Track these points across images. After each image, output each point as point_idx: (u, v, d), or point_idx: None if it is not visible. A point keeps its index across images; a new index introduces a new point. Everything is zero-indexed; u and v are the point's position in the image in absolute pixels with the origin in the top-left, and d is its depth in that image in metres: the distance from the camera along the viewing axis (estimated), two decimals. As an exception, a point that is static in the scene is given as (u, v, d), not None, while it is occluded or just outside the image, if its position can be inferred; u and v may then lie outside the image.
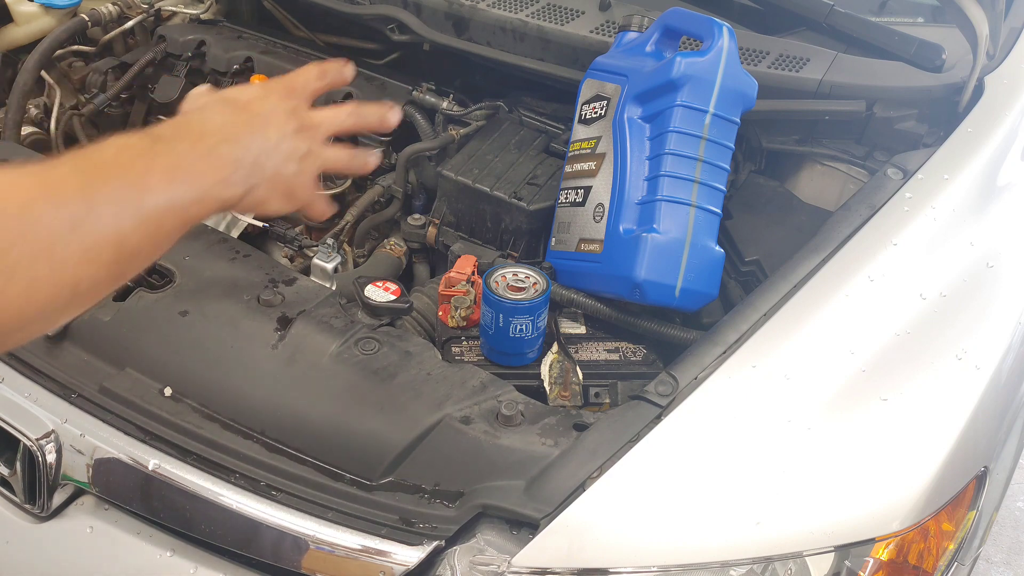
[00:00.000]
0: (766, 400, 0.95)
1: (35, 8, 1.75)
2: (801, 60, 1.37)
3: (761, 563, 0.88)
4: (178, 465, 0.99)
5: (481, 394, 1.01)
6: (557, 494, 0.89)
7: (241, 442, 1.00)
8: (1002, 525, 2.27)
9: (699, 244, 1.16)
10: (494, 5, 1.53)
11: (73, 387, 1.06)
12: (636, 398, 0.97)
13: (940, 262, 1.12)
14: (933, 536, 0.95)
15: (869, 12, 1.53)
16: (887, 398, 0.96)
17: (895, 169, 1.23)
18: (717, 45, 1.17)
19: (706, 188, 1.17)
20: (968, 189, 1.21)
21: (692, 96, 1.16)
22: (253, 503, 0.96)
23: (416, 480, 0.95)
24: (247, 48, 1.67)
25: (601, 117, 1.27)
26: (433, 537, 0.90)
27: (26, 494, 1.05)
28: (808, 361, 0.99)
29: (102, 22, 1.74)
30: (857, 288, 1.06)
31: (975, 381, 1.01)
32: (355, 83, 1.60)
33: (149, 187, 0.65)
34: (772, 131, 1.42)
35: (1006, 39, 1.44)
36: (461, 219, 1.42)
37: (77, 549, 1.03)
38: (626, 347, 1.20)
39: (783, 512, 0.89)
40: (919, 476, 0.93)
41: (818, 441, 0.93)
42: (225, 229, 1.43)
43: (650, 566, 0.87)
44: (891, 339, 1.02)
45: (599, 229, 1.21)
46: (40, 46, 1.64)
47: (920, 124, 1.34)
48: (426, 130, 1.55)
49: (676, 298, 1.15)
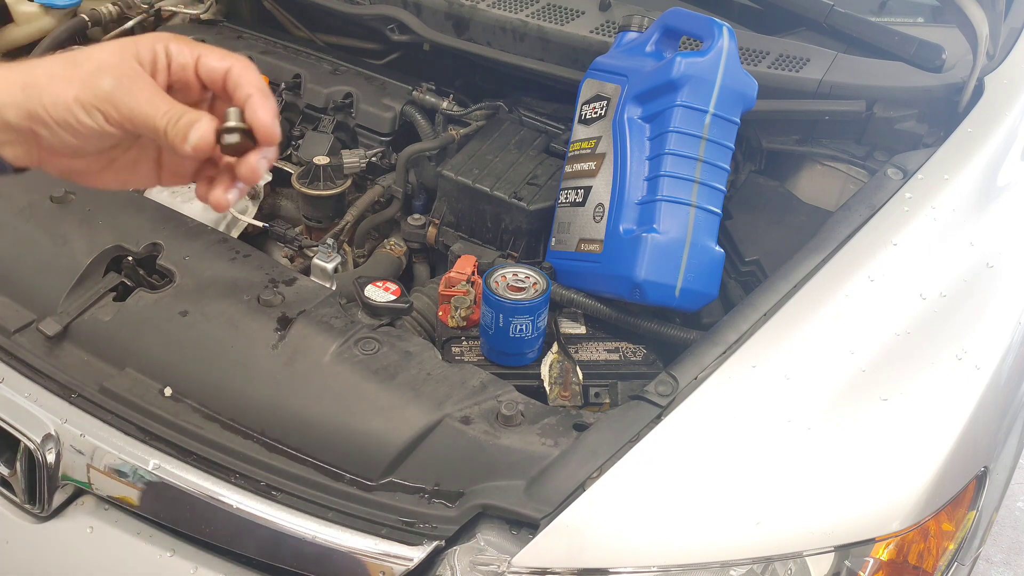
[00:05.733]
0: (766, 400, 0.95)
1: (35, 8, 1.75)
2: (801, 60, 1.37)
3: (761, 563, 0.88)
4: (178, 465, 0.99)
5: (481, 394, 1.01)
6: (557, 494, 0.89)
7: (241, 442, 1.00)
8: (1002, 525, 2.27)
9: (699, 244, 1.16)
10: (494, 5, 1.53)
11: (73, 387, 1.06)
12: (636, 398, 0.97)
13: (940, 262, 1.12)
14: (933, 536, 0.95)
15: (869, 12, 1.53)
16: (887, 398, 0.96)
17: (895, 169, 1.23)
18: (717, 45, 1.17)
19: (706, 188, 1.17)
20: (968, 189, 1.21)
21: (692, 96, 1.16)
22: (253, 503, 0.96)
23: (416, 480, 0.95)
24: (247, 48, 1.67)
25: (601, 117, 1.27)
26: (433, 537, 0.90)
27: (26, 494, 1.05)
28: (808, 361, 0.99)
29: (102, 22, 1.75)
30: (857, 288, 1.06)
31: (975, 381, 1.01)
32: (355, 83, 1.60)
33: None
34: (772, 131, 1.42)
35: (1006, 39, 1.44)
36: (461, 219, 1.42)
37: (77, 549, 1.03)
38: (626, 347, 1.20)
39: (783, 512, 0.89)
40: (919, 476, 0.93)
41: (818, 441, 0.93)
42: (225, 229, 1.43)
43: (650, 566, 0.87)
44: (891, 339, 1.02)
45: (599, 229, 1.21)
46: (40, 46, 1.64)
47: (920, 124, 1.34)
48: (426, 130, 1.55)
49: (676, 298, 1.15)
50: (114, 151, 0.71)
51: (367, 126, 1.57)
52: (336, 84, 1.60)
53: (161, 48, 0.67)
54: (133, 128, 0.65)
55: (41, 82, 0.64)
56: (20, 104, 0.64)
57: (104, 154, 0.70)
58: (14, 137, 0.65)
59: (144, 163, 0.73)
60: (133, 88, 0.65)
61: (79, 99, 0.63)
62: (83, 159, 0.69)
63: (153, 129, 0.65)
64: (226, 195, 0.70)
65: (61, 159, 0.68)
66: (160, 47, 0.67)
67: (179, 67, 0.68)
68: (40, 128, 0.65)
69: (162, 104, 0.65)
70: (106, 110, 0.64)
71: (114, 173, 0.72)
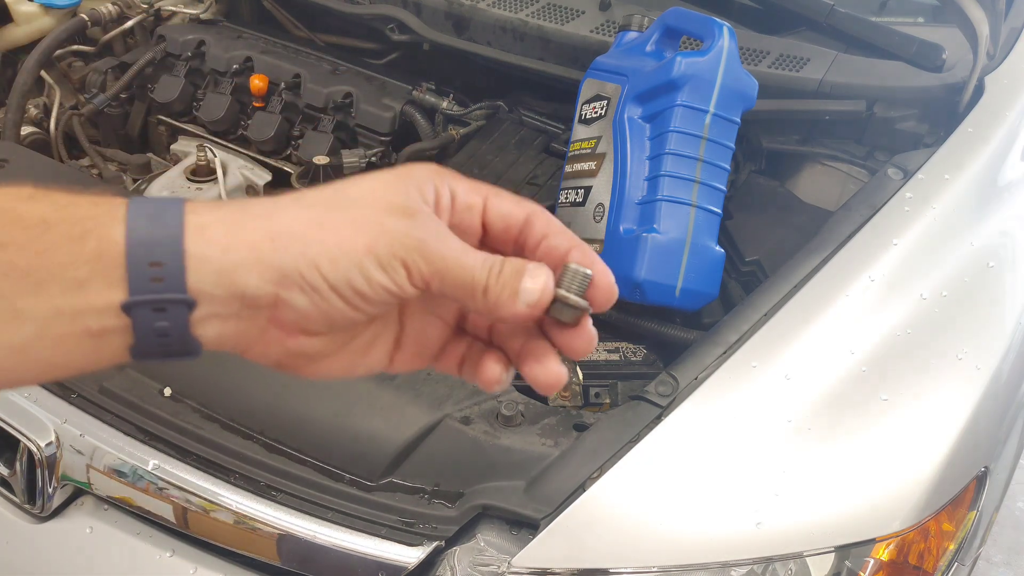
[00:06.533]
0: (766, 400, 0.95)
1: (35, 8, 1.75)
2: (801, 60, 1.37)
3: (761, 563, 0.88)
4: (178, 465, 0.99)
5: (481, 394, 1.01)
6: (557, 494, 0.89)
7: (241, 442, 1.00)
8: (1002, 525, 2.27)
9: (699, 244, 1.16)
10: (494, 5, 1.53)
11: (73, 387, 1.06)
12: (636, 398, 0.97)
13: (941, 262, 1.12)
14: (933, 536, 0.95)
15: (869, 12, 1.53)
16: (887, 398, 0.96)
17: (895, 169, 1.23)
18: (717, 45, 1.17)
19: (706, 188, 1.17)
20: (968, 189, 1.20)
21: (692, 96, 1.16)
22: (253, 503, 0.96)
23: (416, 480, 0.95)
24: (247, 48, 1.67)
25: (601, 117, 1.27)
26: (433, 537, 0.90)
27: (26, 494, 1.05)
28: (808, 361, 0.99)
29: (102, 22, 1.74)
30: (857, 288, 1.06)
31: (976, 381, 1.01)
32: (355, 83, 1.60)
33: None
34: (772, 131, 1.42)
35: (1006, 39, 1.44)
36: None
37: (77, 549, 1.03)
38: (626, 347, 1.19)
39: (783, 512, 0.89)
40: (919, 476, 0.93)
41: (818, 441, 0.93)
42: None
43: (650, 566, 0.87)
44: (892, 339, 1.02)
45: (599, 229, 1.21)
46: (40, 46, 1.64)
47: (920, 124, 1.34)
48: (426, 130, 1.55)
49: (676, 298, 1.15)
50: (359, 326, 0.51)
51: (367, 126, 1.57)
52: (336, 84, 1.59)
53: (445, 186, 0.50)
54: (440, 286, 0.47)
55: (300, 230, 0.45)
56: (268, 262, 0.45)
57: (348, 331, 0.51)
58: (236, 310, 0.46)
59: (381, 343, 0.54)
60: (443, 233, 0.48)
61: (373, 249, 0.45)
62: (321, 338, 0.49)
63: (469, 285, 0.47)
64: (503, 372, 0.53)
65: (292, 339, 0.49)
66: (443, 185, 0.50)
67: (464, 208, 0.51)
68: (294, 294, 0.45)
69: (474, 252, 0.48)
70: (412, 263, 0.46)
71: (346, 357, 0.52)
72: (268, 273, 0.45)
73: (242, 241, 0.44)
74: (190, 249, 0.43)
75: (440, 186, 0.50)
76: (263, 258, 0.44)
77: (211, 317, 0.45)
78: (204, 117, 1.62)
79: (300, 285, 0.45)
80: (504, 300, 0.47)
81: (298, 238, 0.45)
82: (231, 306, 0.45)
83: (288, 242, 0.45)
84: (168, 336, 0.44)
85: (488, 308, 0.48)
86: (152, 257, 0.43)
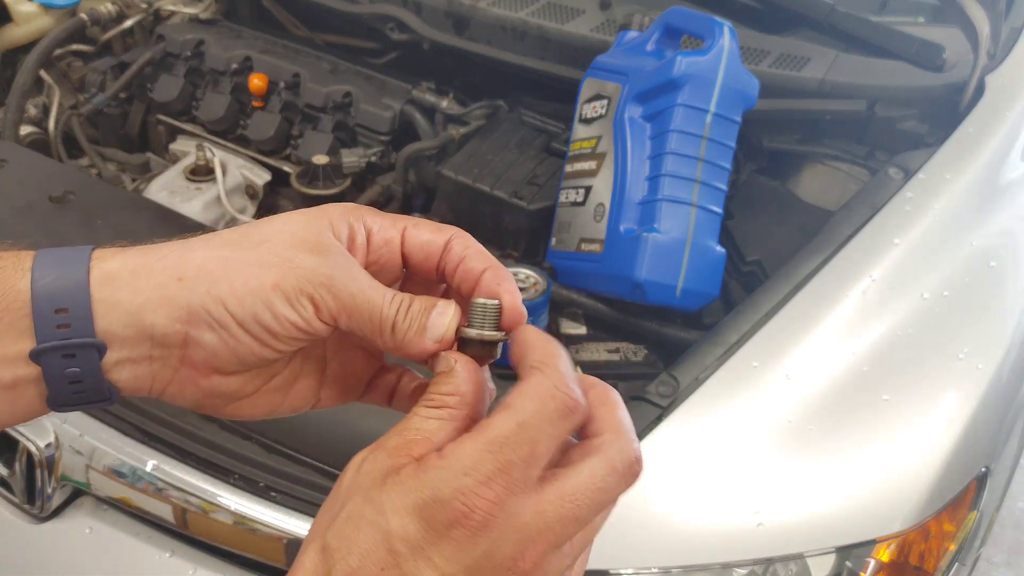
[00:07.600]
0: (767, 400, 0.95)
1: (34, 8, 1.75)
2: (802, 59, 1.37)
3: (762, 564, 0.88)
4: (177, 466, 0.99)
5: (481, 394, 1.01)
6: (557, 495, 0.88)
7: (240, 443, 1.00)
8: (1003, 525, 2.27)
9: (700, 244, 1.16)
10: (494, 4, 1.53)
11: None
12: (636, 398, 0.97)
13: (941, 262, 1.12)
14: (934, 537, 0.94)
15: (870, 12, 1.53)
16: (888, 398, 0.96)
17: (896, 169, 1.23)
18: (718, 44, 1.17)
19: (707, 188, 1.17)
20: (969, 189, 1.20)
21: (693, 95, 1.16)
22: (252, 504, 0.96)
23: (416, 481, 0.95)
24: (246, 47, 1.67)
25: (602, 116, 1.27)
26: (433, 538, 0.90)
27: (25, 494, 1.05)
28: (809, 361, 0.99)
29: (101, 21, 1.74)
30: (858, 288, 1.06)
31: (976, 381, 1.00)
32: (355, 82, 1.60)
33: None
34: (773, 130, 1.42)
35: (1007, 39, 1.44)
36: (461, 219, 1.42)
37: (76, 549, 1.03)
38: (627, 347, 1.19)
39: (784, 513, 0.89)
40: (920, 476, 0.92)
41: (819, 441, 0.93)
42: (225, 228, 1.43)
43: (650, 566, 0.86)
44: (892, 338, 1.02)
45: (600, 229, 1.21)
46: (39, 45, 1.64)
47: (921, 124, 1.34)
48: (426, 129, 1.55)
49: (677, 298, 1.15)
50: (276, 364, 0.51)
51: (366, 125, 1.57)
52: (335, 83, 1.59)
53: (360, 223, 0.50)
54: (348, 322, 0.47)
55: (208, 268, 0.45)
56: (175, 301, 0.45)
57: (266, 369, 0.51)
58: (147, 350, 0.46)
59: (304, 381, 0.54)
60: (352, 270, 0.47)
61: (280, 286, 0.45)
62: (236, 377, 0.49)
63: (376, 321, 0.47)
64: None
65: (206, 379, 0.48)
66: (358, 222, 0.49)
67: (382, 244, 0.50)
68: (203, 333, 0.45)
69: (383, 289, 0.48)
70: (320, 298, 0.46)
71: (266, 397, 0.52)
72: (176, 311, 0.45)
73: (149, 283, 0.45)
74: (96, 294, 0.44)
75: (355, 223, 0.49)
76: (170, 296, 0.45)
77: (123, 361, 0.45)
78: (203, 117, 1.62)
79: (208, 322, 0.45)
80: (411, 337, 0.47)
81: (205, 276, 0.45)
82: (142, 347, 0.45)
83: (195, 281, 0.45)
84: (81, 382, 0.44)
85: (396, 345, 0.47)
86: (57, 304, 0.43)
